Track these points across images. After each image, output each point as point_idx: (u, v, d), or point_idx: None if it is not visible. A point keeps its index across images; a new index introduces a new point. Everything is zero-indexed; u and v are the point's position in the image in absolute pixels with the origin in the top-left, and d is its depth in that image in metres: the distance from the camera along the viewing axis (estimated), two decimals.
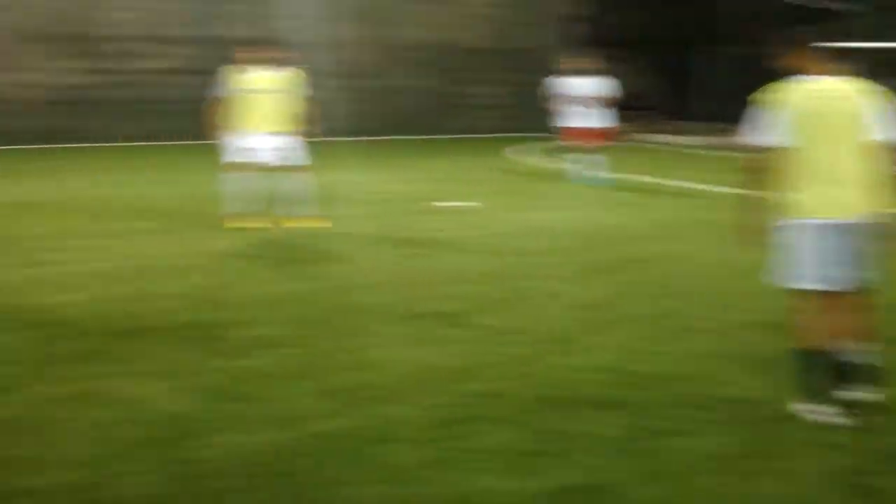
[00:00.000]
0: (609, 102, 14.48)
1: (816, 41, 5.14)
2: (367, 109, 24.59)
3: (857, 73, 5.11)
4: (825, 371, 4.99)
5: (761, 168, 5.04)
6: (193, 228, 10.32)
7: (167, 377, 5.51)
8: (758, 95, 5.17)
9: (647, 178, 16.27)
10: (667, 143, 24.97)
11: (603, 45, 29.62)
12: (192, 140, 17.06)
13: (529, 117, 25.76)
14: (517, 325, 6.78)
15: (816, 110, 4.96)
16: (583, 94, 14.33)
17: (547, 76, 15.46)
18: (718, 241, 10.32)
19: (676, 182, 15.89)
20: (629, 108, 15.30)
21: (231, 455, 4.47)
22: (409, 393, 5.36)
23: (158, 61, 22.79)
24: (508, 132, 26.08)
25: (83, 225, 10.46)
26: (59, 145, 20.71)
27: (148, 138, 21.69)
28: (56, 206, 12.15)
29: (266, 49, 10.18)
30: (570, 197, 13.75)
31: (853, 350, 5.04)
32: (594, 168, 14.54)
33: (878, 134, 4.95)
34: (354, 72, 25.31)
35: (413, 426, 4.87)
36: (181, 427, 4.78)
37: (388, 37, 26.24)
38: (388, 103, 25.94)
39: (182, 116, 19.90)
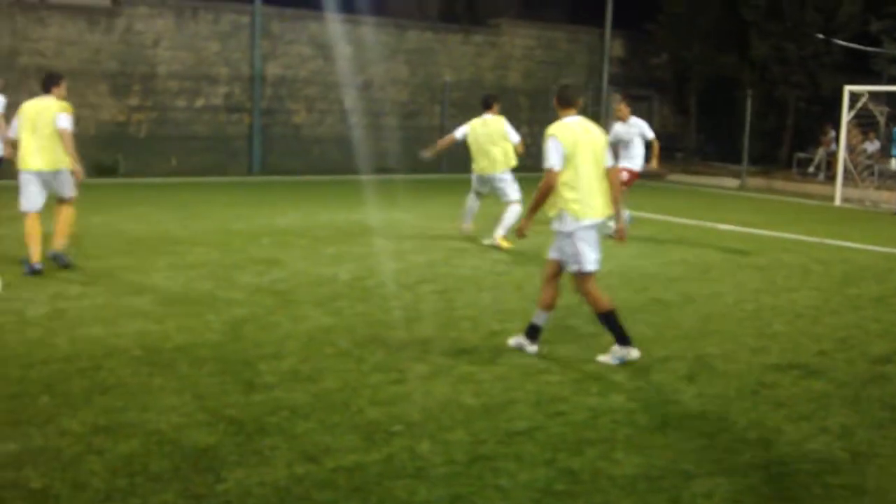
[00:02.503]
0: (648, 146, 14.11)
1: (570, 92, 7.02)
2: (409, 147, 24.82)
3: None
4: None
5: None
6: (232, 263, 10.37)
7: (199, 410, 5.51)
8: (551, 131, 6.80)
9: (676, 219, 16.21)
10: (699, 185, 24.94)
11: (639, 85, 29.88)
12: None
13: None
14: (551, 365, 6.73)
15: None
16: (626, 139, 14.01)
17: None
18: (752, 282, 10.28)
19: (708, 223, 15.82)
20: (661, 149, 14.89)
21: (249, 489, 4.45)
22: (436, 429, 5.31)
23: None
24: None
25: (119, 259, 10.54)
26: None
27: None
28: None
29: None
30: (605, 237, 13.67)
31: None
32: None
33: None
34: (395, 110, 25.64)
35: (439, 462, 4.83)
36: (205, 461, 4.77)
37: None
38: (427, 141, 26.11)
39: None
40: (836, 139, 23.32)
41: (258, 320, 7.82)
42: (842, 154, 21.50)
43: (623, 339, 6.83)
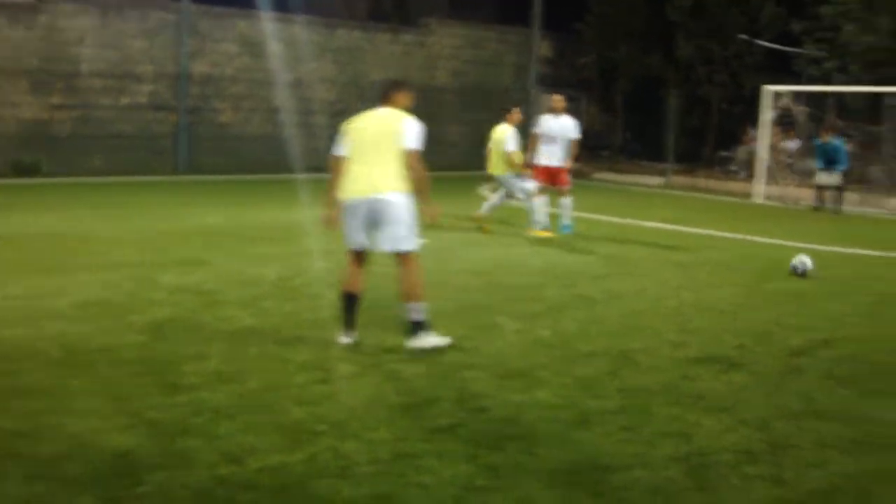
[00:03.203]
0: (575, 143, 14.21)
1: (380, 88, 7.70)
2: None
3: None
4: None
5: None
6: (156, 263, 10.23)
7: (119, 413, 5.44)
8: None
9: (603, 217, 16.41)
10: (625, 183, 25.26)
11: (567, 85, 30.16)
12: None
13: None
14: (476, 361, 6.77)
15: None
16: (554, 134, 14.09)
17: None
18: (675, 278, 10.46)
19: (633, 221, 16.04)
20: (588, 147, 15.12)
21: (170, 491, 4.40)
22: (360, 428, 5.31)
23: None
24: (473, 169, 26.16)
25: (39, 260, 10.34)
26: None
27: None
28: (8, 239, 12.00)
29: None
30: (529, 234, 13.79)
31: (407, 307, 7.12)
32: (567, 214, 14.21)
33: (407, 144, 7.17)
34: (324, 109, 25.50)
35: (363, 461, 4.83)
36: (125, 464, 4.70)
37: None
38: None
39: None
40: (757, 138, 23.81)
41: (182, 321, 7.74)
42: (762, 152, 21.94)
43: (347, 324, 7.21)
